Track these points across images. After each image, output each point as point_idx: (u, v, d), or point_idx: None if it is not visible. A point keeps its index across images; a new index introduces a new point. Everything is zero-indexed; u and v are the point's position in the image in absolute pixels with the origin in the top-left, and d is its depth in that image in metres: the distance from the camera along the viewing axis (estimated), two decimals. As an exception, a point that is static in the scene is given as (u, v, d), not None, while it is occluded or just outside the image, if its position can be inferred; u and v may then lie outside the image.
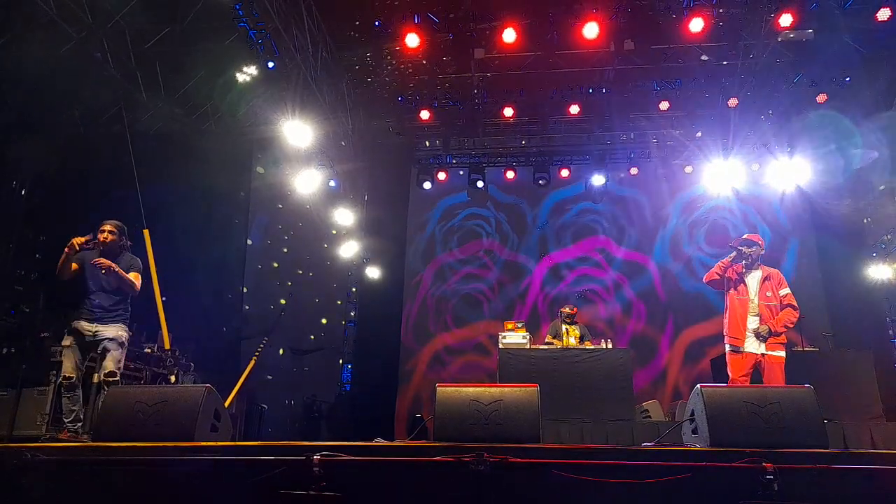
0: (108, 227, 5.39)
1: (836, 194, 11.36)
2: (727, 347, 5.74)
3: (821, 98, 10.42)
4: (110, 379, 5.12)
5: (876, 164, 10.52)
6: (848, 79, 10.46)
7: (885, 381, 7.53)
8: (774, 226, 12.71)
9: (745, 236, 5.95)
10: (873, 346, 8.95)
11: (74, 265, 5.26)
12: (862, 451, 4.69)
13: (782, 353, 5.54)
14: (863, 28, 8.87)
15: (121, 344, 5.26)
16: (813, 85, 10.51)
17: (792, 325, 5.65)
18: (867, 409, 7.39)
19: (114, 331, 5.24)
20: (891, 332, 10.44)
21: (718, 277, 5.87)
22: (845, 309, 11.03)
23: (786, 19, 8.39)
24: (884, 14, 8.34)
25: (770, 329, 5.54)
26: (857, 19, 8.73)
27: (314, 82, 9.56)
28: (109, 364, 5.16)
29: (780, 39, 9.03)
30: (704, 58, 10.01)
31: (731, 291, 5.80)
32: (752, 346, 5.57)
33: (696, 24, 8.49)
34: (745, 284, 5.76)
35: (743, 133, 12.04)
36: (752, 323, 5.61)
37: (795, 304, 5.69)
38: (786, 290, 5.72)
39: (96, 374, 5.32)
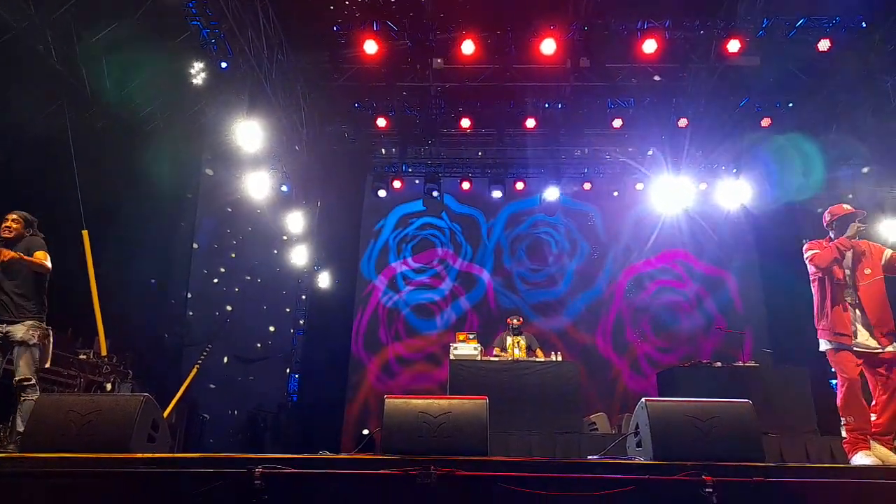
0: (12, 217, 5.10)
1: (776, 214, 11.81)
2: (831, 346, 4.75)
3: (765, 122, 10.84)
4: (25, 384, 4.80)
5: (815, 186, 10.97)
6: (791, 104, 10.92)
7: (821, 396, 7.80)
8: (720, 243, 13.13)
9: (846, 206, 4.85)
10: (811, 363, 9.26)
11: None
12: (797, 464, 4.83)
13: None
14: (806, 56, 9.29)
15: (34, 345, 4.90)
16: (758, 109, 10.93)
17: None
18: (803, 424, 7.67)
19: (24, 330, 4.88)
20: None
21: (840, 256, 4.72)
22: (785, 325, 11.39)
23: (733, 45, 8.73)
24: (824, 45, 8.81)
25: None
26: (801, 48, 9.15)
27: (268, 85, 9.40)
28: (23, 369, 4.83)
29: (727, 64, 9.38)
30: (657, 78, 10.31)
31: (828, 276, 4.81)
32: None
33: (650, 46, 8.75)
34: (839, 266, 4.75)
35: (692, 153, 12.44)
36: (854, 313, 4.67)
37: None
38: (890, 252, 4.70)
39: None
